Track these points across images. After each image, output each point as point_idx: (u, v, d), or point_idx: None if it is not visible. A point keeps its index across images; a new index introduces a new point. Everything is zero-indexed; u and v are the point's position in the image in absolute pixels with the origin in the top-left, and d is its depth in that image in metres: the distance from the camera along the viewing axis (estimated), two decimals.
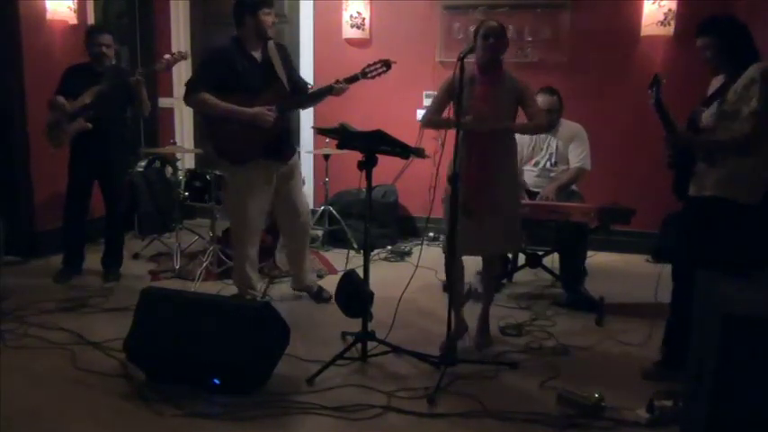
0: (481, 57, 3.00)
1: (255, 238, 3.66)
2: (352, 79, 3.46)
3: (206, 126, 3.63)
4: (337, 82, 3.46)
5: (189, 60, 6.11)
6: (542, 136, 4.12)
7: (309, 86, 3.74)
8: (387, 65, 3.48)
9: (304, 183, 4.21)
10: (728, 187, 2.61)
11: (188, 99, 3.47)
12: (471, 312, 3.37)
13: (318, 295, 3.88)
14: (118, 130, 4.25)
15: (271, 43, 3.53)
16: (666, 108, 2.75)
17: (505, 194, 3.11)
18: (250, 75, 3.43)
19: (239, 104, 3.38)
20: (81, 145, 4.06)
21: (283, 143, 3.60)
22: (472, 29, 3.09)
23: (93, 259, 4.36)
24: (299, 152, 3.80)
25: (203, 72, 3.48)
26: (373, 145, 2.88)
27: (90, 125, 3.96)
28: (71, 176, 4.19)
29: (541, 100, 4.06)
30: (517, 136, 3.71)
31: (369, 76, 3.47)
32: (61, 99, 3.96)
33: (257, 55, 3.48)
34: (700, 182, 2.71)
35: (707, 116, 2.70)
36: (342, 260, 4.07)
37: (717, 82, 2.79)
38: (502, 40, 3.04)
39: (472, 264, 3.44)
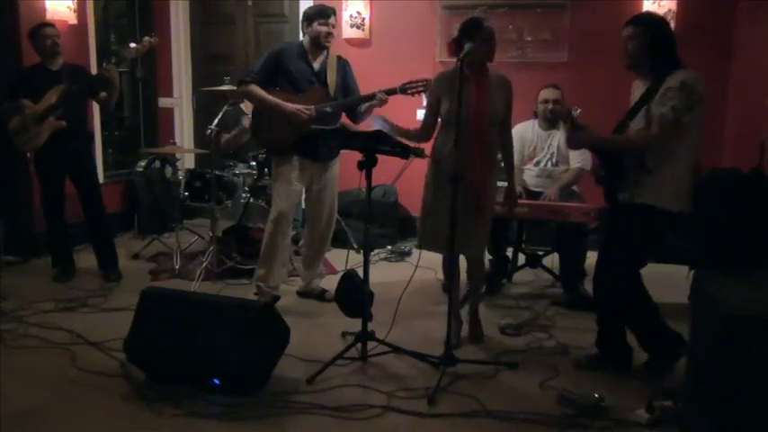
0: (462, 53, 2.85)
1: (285, 230, 3.72)
2: (390, 92, 3.50)
3: (253, 116, 3.86)
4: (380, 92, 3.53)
5: (189, 60, 6.18)
6: (543, 135, 4.12)
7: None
8: (427, 85, 3.45)
9: None
10: (659, 196, 2.67)
11: (239, 87, 3.73)
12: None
13: (321, 297, 3.91)
14: (83, 126, 4.27)
15: (333, 56, 3.70)
16: (574, 122, 2.81)
17: (489, 199, 3.14)
18: (300, 76, 3.61)
19: (282, 99, 3.55)
20: (47, 145, 3.99)
21: (320, 145, 3.66)
22: (456, 25, 3.05)
23: (91, 259, 4.36)
24: (338, 159, 3.87)
25: (259, 66, 3.65)
26: (373, 145, 2.89)
27: (64, 123, 3.95)
28: (42, 178, 4.18)
29: (547, 92, 4.11)
30: (518, 135, 3.72)
31: (408, 92, 3.47)
32: (27, 102, 3.94)
33: (316, 64, 3.65)
34: (632, 189, 2.74)
35: (635, 127, 2.74)
36: (342, 260, 4.06)
37: (637, 89, 2.83)
38: (488, 43, 3.01)
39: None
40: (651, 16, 2.83)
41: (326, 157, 3.74)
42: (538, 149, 4.14)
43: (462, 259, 3.27)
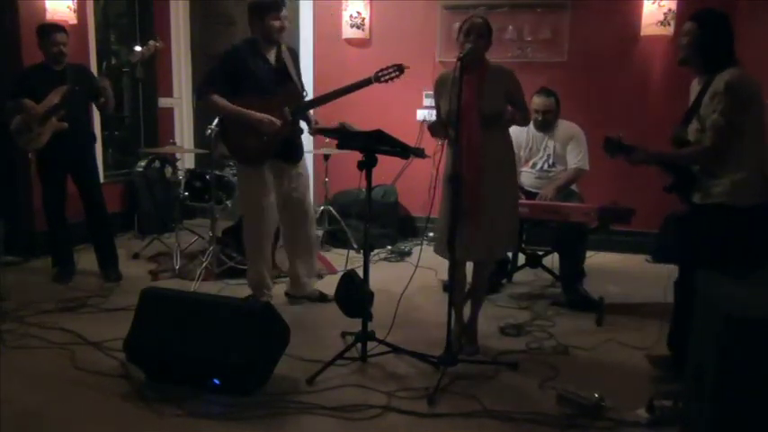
0: (461, 53, 2.84)
1: (269, 238, 3.69)
2: (365, 83, 3.45)
3: (220, 126, 3.72)
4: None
5: (189, 60, 6.18)
6: (539, 137, 4.12)
7: (305, 94, 3.70)
8: (400, 69, 3.45)
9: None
10: (734, 195, 2.63)
11: (199, 100, 3.57)
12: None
13: (322, 299, 3.85)
14: (85, 127, 4.28)
15: (284, 46, 3.59)
16: (623, 146, 2.84)
17: (502, 192, 3.04)
18: (264, 76, 3.48)
19: (253, 105, 3.43)
20: (49, 145, 3.99)
21: (295, 145, 3.63)
22: (455, 25, 3.01)
23: (91, 259, 4.36)
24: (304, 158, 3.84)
25: (215, 73, 3.51)
26: (373, 145, 2.88)
27: (66, 124, 3.96)
28: (43, 177, 4.18)
29: (538, 102, 4.07)
30: (514, 137, 3.69)
31: (382, 80, 3.46)
32: (29, 102, 3.93)
33: (271, 57, 3.54)
34: (705, 191, 2.71)
35: (692, 131, 2.74)
36: (342, 260, 4.06)
37: (694, 89, 2.81)
38: (484, 38, 2.95)
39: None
40: (708, 13, 2.75)
41: (297, 156, 3.67)
42: (533, 151, 4.14)
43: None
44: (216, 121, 4.39)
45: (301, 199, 3.72)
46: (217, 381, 2.66)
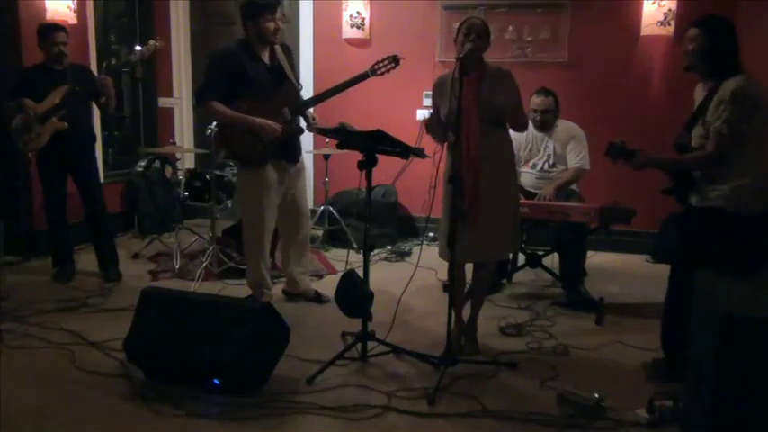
0: (461, 53, 2.84)
1: (269, 238, 3.68)
2: (362, 77, 3.45)
3: (219, 129, 3.69)
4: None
5: (189, 60, 6.18)
6: (539, 138, 4.12)
7: (300, 87, 3.70)
8: (395, 60, 3.46)
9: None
10: (731, 201, 2.62)
11: (198, 107, 3.55)
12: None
13: (317, 299, 3.86)
14: (85, 127, 4.27)
15: (278, 47, 3.56)
16: (626, 150, 2.83)
17: (502, 194, 3.03)
18: (261, 77, 3.45)
19: (252, 108, 3.41)
20: (49, 145, 3.98)
21: (296, 144, 3.63)
22: (455, 25, 3.00)
23: (91, 259, 4.37)
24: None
25: (212, 78, 3.45)
26: (373, 145, 2.88)
27: (66, 124, 3.95)
28: (43, 178, 4.18)
29: (537, 101, 4.07)
30: (514, 138, 3.69)
31: (378, 73, 3.47)
32: (30, 102, 3.92)
33: (265, 58, 3.51)
34: (702, 194, 2.71)
35: (695, 137, 2.73)
36: (342, 260, 4.05)
37: (699, 93, 2.80)
38: (483, 39, 2.94)
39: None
40: (714, 19, 2.73)
41: (296, 155, 3.66)
42: (534, 152, 4.14)
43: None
44: (215, 122, 4.40)
45: (298, 197, 3.72)
46: (217, 381, 2.65)
